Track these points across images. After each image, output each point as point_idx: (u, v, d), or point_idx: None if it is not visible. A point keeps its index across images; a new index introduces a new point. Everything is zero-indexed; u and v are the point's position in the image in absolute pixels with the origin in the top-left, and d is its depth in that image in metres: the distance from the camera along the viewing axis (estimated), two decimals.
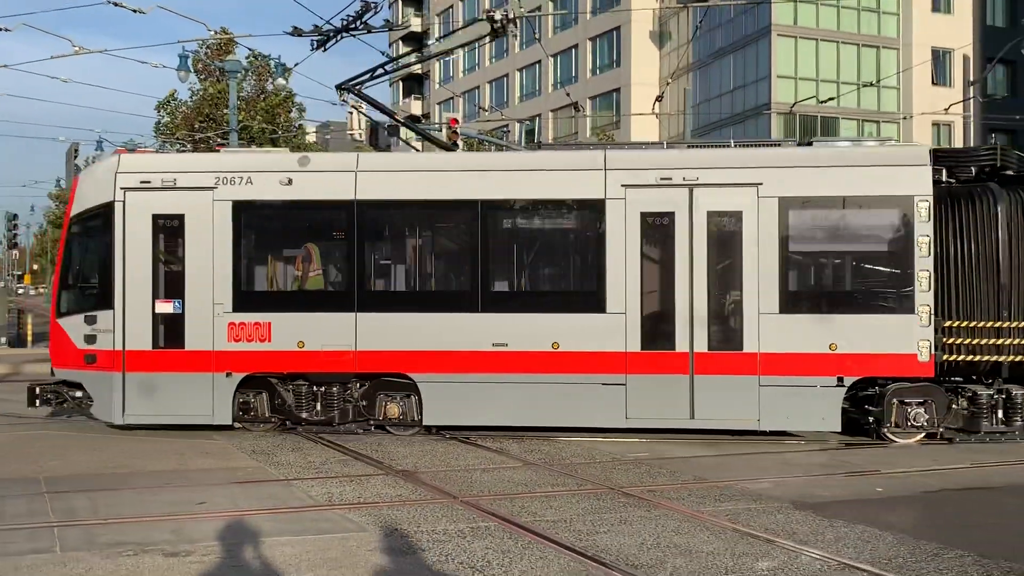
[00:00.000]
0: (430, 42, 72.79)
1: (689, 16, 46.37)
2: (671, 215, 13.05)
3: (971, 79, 37.03)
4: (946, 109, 29.60)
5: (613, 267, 13.04)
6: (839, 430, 12.91)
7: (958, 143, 40.68)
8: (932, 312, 12.61)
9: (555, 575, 7.16)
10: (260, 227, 13.66)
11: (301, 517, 8.90)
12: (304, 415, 13.45)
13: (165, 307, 13.36)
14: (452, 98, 66.90)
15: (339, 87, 14.72)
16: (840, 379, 12.75)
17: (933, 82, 42.15)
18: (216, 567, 7.33)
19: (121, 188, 13.38)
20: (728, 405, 12.86)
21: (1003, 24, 44.81)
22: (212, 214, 13.32)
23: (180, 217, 13.38)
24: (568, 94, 34.73)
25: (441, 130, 30.15)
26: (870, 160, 13.03)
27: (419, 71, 77.00)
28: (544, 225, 13.82)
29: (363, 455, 12.00)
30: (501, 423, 13.28)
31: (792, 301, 12.89)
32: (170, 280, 13.44)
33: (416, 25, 73.48)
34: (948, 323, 12.68)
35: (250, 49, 35.82)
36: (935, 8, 42.76)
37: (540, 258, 13.84)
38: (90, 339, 13.41)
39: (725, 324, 13.00)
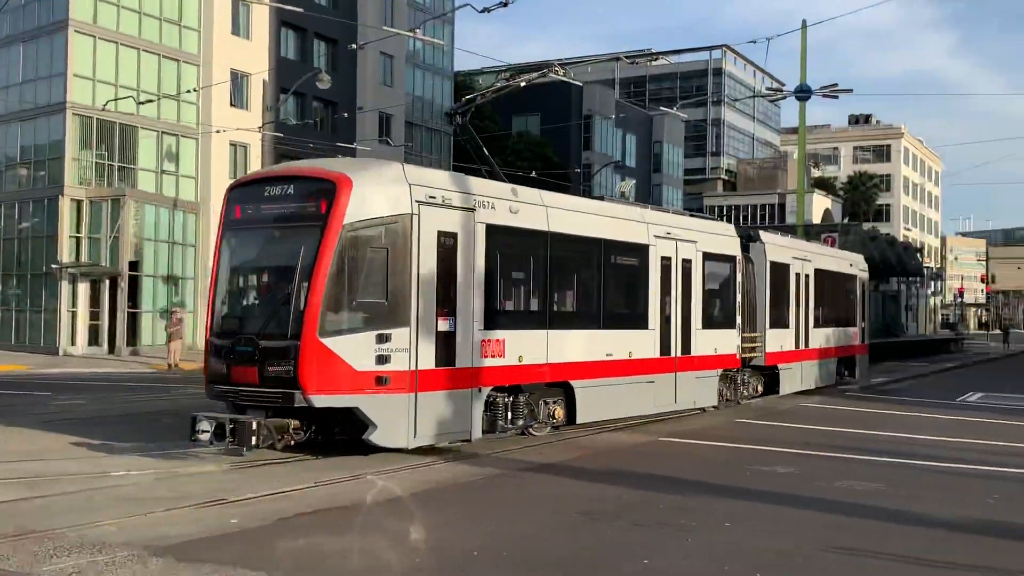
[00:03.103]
0: None
1: None
2: (670, 259, 18.09)
3: (267, 105, 38.37)
4: (259, 128, 29.94)
5: (652, 294, 17.56)
6: (717, 403, 19.79)
7: (255, 164, 41.81)
8: (740, 328, 20.54)
9: None
10: (499, 250, 13.99)
11: None
12: (501, 423, 14.22)
13: (444, 325, 13.02)
14: None
15: (449, 113, 15.18)
16: (716, 372, 19.68)
17: (232, 103, 42.74)
18: None
19: (416, 200, 12.68)
20: (688, 392, 18.64)
21: (295, 57, 47.39)
22: (474, 235, 13.46)
23: (455, 236, 13.20)
24: None
25: None
26: (721, 230, 20.40)
27: None
28: (624, 261, 17.13)
29: None
30: (613, 416, 16.83)
31: (706, 321, 19.14)
32: (446, 298, 13.04)
33: None
34: (744, 334, 20.73)
35: None
36: (234, 31, 43.47)
37: (622, 286, 17.29)
38: (382, 359, 12.25)
39: (686, 335, 18.52)
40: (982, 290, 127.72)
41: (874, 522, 9.90)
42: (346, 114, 47.38)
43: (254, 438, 11.91)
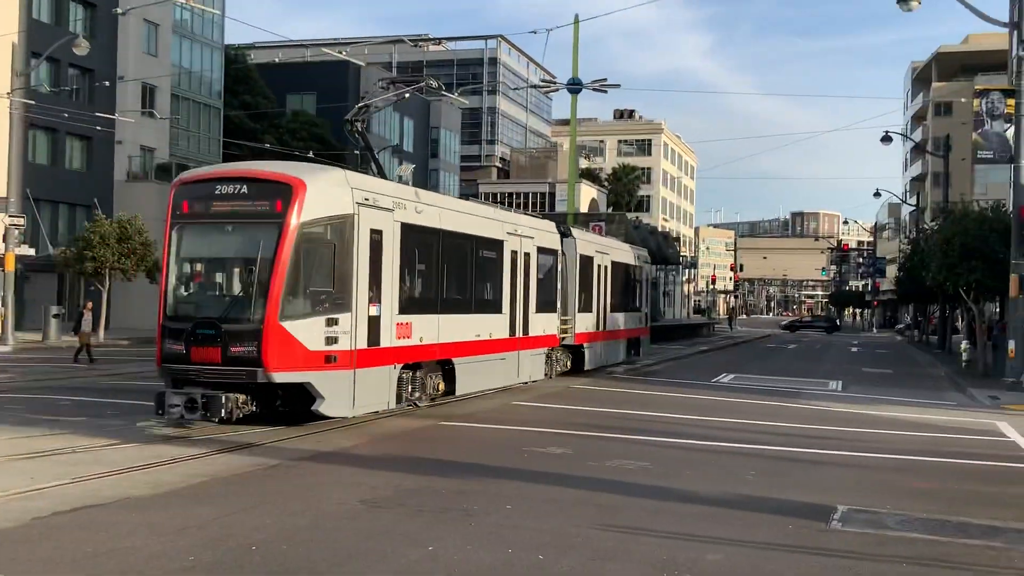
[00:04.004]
0: None
1: None
2: (516, 252, 20.88)
3: (17, 70, 35.34)
4: (8, 94, 27.42)
5: (505, 283, 20.39)
6: (543, 377, 22.97)
7: (2, 133, 38.41)
8: (559, 312, 23.82)
9: None
10: (409, 245, 16.10)
11: None
12: (405, 396, 16.25)
13: (374, 310, 14.94)
14: None
15: (348, 120, 18.06)
16: (544, 350, 22.95)
17: None
18: None
19: (356, 202, 14.48)
20: (526, 367, 21.67)
21: (49, 20, 43.89)
22: (393, 232, 15.56)
23: (381, 232, 15.18)
24: None
25: None
26: (548, 227, 23.55)
27: None
28: (488, 255, 19.73)
29: None
30: (480, 388, 19.52)
31: (538, 305, 22.09)
32: (375, 286, 14.95)
33: None
34: (562, 317, 24.06)
35: None
36: None
37: (486, 275, 19.76)
38: (331, 340, 13.98)
39: (525, 319, 21.39)
40: (731, 278, 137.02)
41: (644, 500, 10.28)
42: (106, 83, 44.45)
43: (223, 410, 13.49)
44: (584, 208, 77.19)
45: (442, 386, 17.84)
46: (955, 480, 12.51)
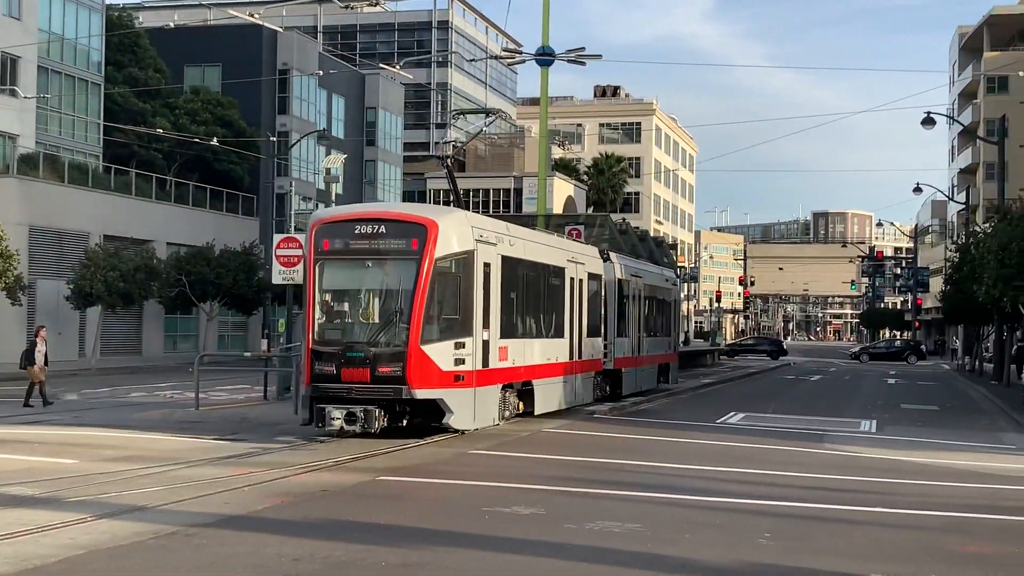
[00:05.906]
0: None
1: None
2: (573, 278, 26.36)
3: None
4: None
5: (566, 308, 25.97)
6: (591, 400, 28.24)
7: None
8: (604, 335, 29.15)
9: None
10: (506, 275, 21.90)
11: None
12: (501, 413, 22.04)
13: (485, 335, 20.74)
14: None
15: (439, 158, 27.82)
16: (592, 373, 28.37)
17: None
18: None
19: (475, 239, 20.25)
20: (581, 390, 27.20)
21: None
22: (496, 264, 21.32)
23: (489, 265, 20.96)
24: None
25: None
26: (593, 254, 28.85)
27: None
28: (554, 281, 25.33)
29: None
30: (551, 408, 24.98)
31: (589, 330, 27.52)
32: (486, 313, 20.80)
33: None
34: (604, 341, 29.18)
35: None
36: None
37: (554, 302, 25.32)
38: (459, 362, 19.76)
39: (579, 342, 26.90)
40: (740, 293, 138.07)
41: (634, 571, 10.33)
42: None
43: (376, 423, 18.96)
44: (558, 208, 77.59)
45: (521, 406, 23.31)
46: (1016, 543, 12.66)
